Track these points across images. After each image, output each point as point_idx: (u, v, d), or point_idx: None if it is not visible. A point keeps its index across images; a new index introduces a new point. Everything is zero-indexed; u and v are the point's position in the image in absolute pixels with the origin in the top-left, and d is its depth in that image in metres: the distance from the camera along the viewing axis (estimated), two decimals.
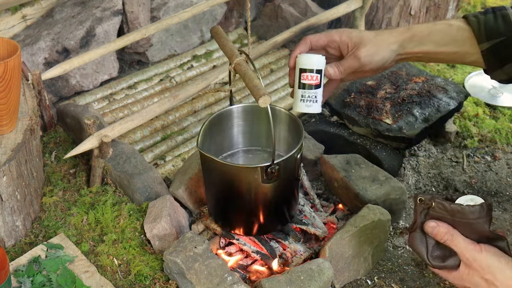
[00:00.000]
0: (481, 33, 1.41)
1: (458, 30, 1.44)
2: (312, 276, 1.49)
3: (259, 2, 2.77)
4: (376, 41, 1.46)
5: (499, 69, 1.43)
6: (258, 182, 1.49)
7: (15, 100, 1.55)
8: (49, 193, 1.79)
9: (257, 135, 1.74)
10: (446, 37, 1.45)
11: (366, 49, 1.45)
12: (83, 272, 1.53)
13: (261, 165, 1.46)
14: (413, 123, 1.97)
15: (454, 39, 1.45)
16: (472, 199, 1.20)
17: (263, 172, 1.46)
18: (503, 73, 1.44)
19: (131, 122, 1.79)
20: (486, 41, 1.41)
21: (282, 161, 1.47)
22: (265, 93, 1.33)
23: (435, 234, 1.21)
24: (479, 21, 1.42)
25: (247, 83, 1.39)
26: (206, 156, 1.51)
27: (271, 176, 1.46)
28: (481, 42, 1.42)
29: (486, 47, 1.41)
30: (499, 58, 1.41)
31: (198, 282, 1.47)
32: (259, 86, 1.35)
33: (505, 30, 1.39)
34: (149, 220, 1.63)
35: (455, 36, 1.44)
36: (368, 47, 1.45)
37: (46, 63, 2.14)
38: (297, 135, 1.58)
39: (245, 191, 1.55)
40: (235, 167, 1.55)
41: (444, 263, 1.24)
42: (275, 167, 1.45)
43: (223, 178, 1.55)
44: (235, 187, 1.55)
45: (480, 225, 1.18)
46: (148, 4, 2.39)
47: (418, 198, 1.23)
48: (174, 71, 2.41)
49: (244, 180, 1.52)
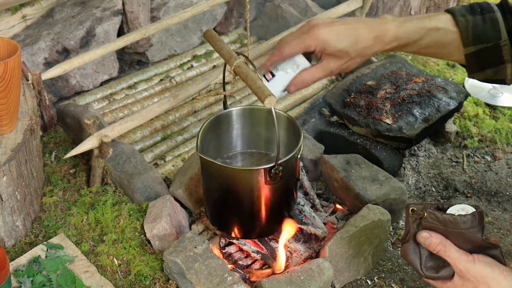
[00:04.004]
0: (468, 37, 1.40)
1: (446, 34, 1.42)
2: (312, 276, 1.49)
3: (259, 2, 2.77)
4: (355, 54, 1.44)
5: (479, 71, 1.43)
6: (261, 184, 1.49)
7: (15, 100, 1.55)
8: (49, 193, 1.79)
9: (255, 138, 1.74)
10: (432, 41, 1.44)
11: (340, 63, 1.44)
12: (83, 272, 1.53)
13: (264, 166, 1.46)
14: (413, 123, 1.97)
15: (440, 42, 1.43)
16: (464, 208, 1.19)
17: (266, 173, 1.46)
18: (482, 75, 1.43)
19: (131, 122, 1.78)
20: (472, 45, 1.40)
21: (284, 162, 1.47)
22: (270, 94, 1.33)
23: (428, 244, 1.20)
24: (467, 23, 1.40)
25: (250, 84, 1.39)
26: (207, 160, 1.50)
27: (274, 177, 1.46)
28: (467, 46, 1.40)
29: (471, 51, 1.40)
30: (481, 62, 1.41)
31: (198, 282, 1.47)
32: (263, 87, 1.36)
33: (493, 36, 1.38)
34: (149, 220, 1.63)
35: (441, 40, 1.43)
36: (342, 62, 1.44)
37: (46, 63, 2.14)
38: (295, 136, 1.58)
39: (247, 193, 1.54)
40: (238, 170, 1.55)
41: (438, 274, 1.23)
42: (278, 168, 1.45)
43: (225, 181, 1.54)
44: (237, 190, 1.55)
45: (472, 234, 1.17)
46: (148, 4, 2.39)
47: (410, 208, 1.22)
48: (174, 71, 2.41)
49: (247, 182, 1.52)
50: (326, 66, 1.44)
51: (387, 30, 1.44)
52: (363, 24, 1.46)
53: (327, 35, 1.42)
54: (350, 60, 1.44)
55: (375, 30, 1.44)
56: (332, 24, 1.44)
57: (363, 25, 1.45)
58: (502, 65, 1.39)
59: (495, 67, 1.40)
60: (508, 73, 1.40)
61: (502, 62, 1.39)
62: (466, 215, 1.17)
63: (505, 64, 1.39)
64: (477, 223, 1.17)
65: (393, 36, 1.44)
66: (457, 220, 1.17)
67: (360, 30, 1.44)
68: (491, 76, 1.42)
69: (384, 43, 1.44)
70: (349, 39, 1.42)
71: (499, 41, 1.37)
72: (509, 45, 1.37)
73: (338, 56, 1.42)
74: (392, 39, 1.44)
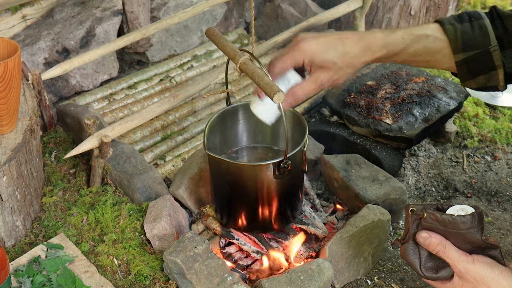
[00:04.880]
0: (457, 44, 1.39)
1: (434, 41, 1.42)
2: (312, 276, 1.49)
3: (259, 2, 2.77)
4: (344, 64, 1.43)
5: (471, 79, 1.42)
6: (269, 178, 1.50)
7: (15, 100, 1.55)
8: (49, 193, 1.79)
9: (260, 132, 1.75)
10: (420, 49, 1.43)
11: (330, 75, 1.44)
12: (83, 272, 1.53)
13: (273, 161, 1.47)
14: (413, 123, 1.97)
15: (429, 50, 1.43)
16: (463, 209, 1.19)
17: (275, 168, 1.48)
18: (474, 83, 1.43)
19: (131, 122, 1.79)
20: (462, 52, 1.40)
21: (292, 156, 1.48)
22: (279, 90, 1.34)
23: (427, 245, 1.20)
24: (456, 30, 1.40)
25: (258, 81, 1.39)
26: (215, 158, 1.51)
27: (284, 171, 1.48)
28: (457, 53, 1.40)
29: (461, 58, 1.40)
30: (472, 69, 1.41)
31: (198, 282, 1.47)
32: (271, 83, 1.36)
33: (482, 42, 1.38)
34: (149, 220, 1.63)
35: (430, 48, 1.43)
36: (331, 73, 1.44)
37: (46, 63, 2.14)
38: (300, 129, 1.60)
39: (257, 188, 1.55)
40: (247, 166, 1.56)
41: (437, 275, 1.23)
42: (287, 162, 1.46)
43: (234, 178, 1.55)
44: (248, 185, 1.56)
45: (472, 235, 1.17)
46: (148, 4, 2.39)
47: (410, 208, 1.22)
48: (174, 71, 2.41)
49: (256, 178, 1.53)
50: (316, 78, 1.44)
51: (375, 39, 1.45)
52: (351, 34, 1.47)
53: (314, 47, 1.42)
54: (339, 70, 1.44)
55: (363, 39, 1.45)
56: (319, 37, 1.45)
57: (350, 36, 1.46)
58: (493, 71, 1.39)
59: (486, 73, 1.40)
60: (500, 79, 1.40)
61: (493, 68, 1.39)
62: (465, 215, 1.17)
63: (497, 70, 1.39)
64: (476, 224, 1.17)
65: (382, 44, 1.44)
66: (457, 221, 1.17)
67: (348, 40, 1.44)
68: (484, 83, 1.42)
69: (372, 52, 1.44)
70: (336, 49, 1.43)
71: (488, 47, 1.38)
72: (499, 50, 1.38)
73: (327, 68, 1.43)
74: (381, 47, 1.44)
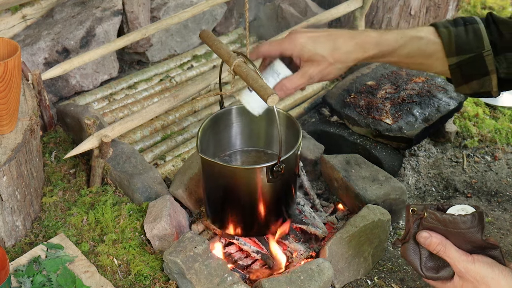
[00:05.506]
0: (451, 48, 1.39)
1: (427, 43, 1.41)
2: (312, 276, 1.49)
3: (259, 2, 2.77)
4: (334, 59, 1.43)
5: (464, 84, 1.42)
6: (263, 182, 1.49)
7: (15, 100, 1.55)
8: (49, 193, 1.79)
9: (254, 136, 1.75)
10: (414, 51, 1.43)
11: (319, 69, 1.44)
12: (83, 272, 1.53)
13: (267, 164, 1.47)
14: (413, 123, 1.97)
15: (422, 52, 1.43)
16: (464, 209, 1.19)
17: (268, 171, 1.47)
18: (468, 88, 1.42)
19: (131, 122, 1.79)
20: (455, 55, 1.39)
21: (285, 159, 1.47)
22: (273, 92, 1.33)
23: (428, 244, 1.20)
24: (450, 34, 1.39)
25: (252, 84, 1.39)
26: (208, 161, 1.51)
27: (277, 174, 1.47)
28: (450, 56, 1.40)
29: (454, 61, 1.39)
30: (465, 74, 1.40)
31: (198, 282, 1.47)
32: (265, 86, 1.36)
33: (475, 46, 1.37)
34: (149, 220, 1.63)
35: (424, 50, 1.42)
36: (321, 67, 1.44)
37: (46, 63, 2.14)
38: (294, 133, 1.59)
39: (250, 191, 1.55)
40: (241, 169, 1.55)
41: (438, 274, 1.23)
42: (281, 165, 1.46)
43: (227, 181, 1.55)
44: (240, 189, 1.55)
45: (472, 235, 1.17)
46: (148, 4, 2.39)
47: (411, 208, 1.22)
48: (174, 71, 2.41)
49: (249, 181, 1.53)
50: (305, 72, 1.44)
51: (368, 37, 1.45)
52: (345, 32, 1.47)
53: (304, 40, 1.43)
54: (329, 65, 1.44)
55: (356, 37, 1.45)
56: (311, 32, 1.45)
57: (344, 32, 1.46)
58: (486, 76, 1.39)
59: (480, 78, 1.40)
60: (493, 84, 1.39)
61: (486, 73, 1.39)
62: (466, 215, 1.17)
63: (490, 75, 1.38)
64: (477, 223, 1.17)
65: (375, 43, 1.44)
66: (457, 220, 1.17)
67: (340, 37, 1.44)
68: (478, 88, 1.42)
69: (365, 50, 1.44)
70: (327, 44, 1.43)
71: (481, 51, 1.37)
72: (493, 55, 1.37)
73: (316, 61, 1.43)
74: (374, 45, 1.43)
